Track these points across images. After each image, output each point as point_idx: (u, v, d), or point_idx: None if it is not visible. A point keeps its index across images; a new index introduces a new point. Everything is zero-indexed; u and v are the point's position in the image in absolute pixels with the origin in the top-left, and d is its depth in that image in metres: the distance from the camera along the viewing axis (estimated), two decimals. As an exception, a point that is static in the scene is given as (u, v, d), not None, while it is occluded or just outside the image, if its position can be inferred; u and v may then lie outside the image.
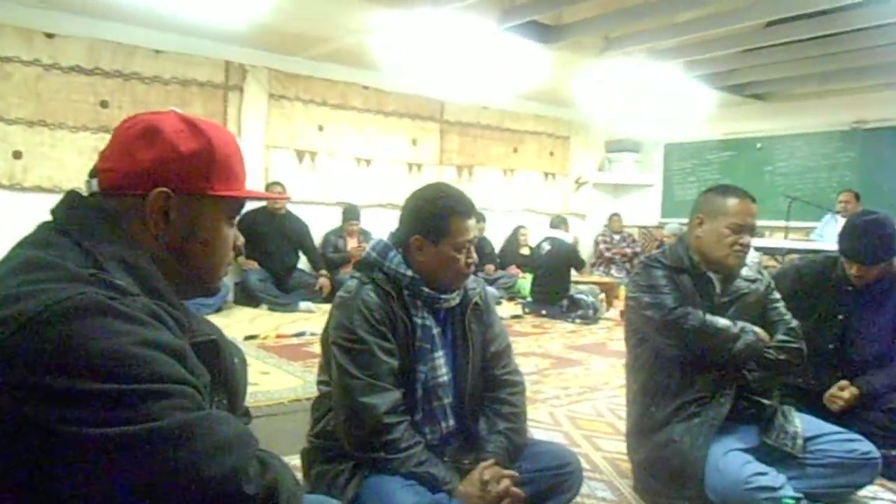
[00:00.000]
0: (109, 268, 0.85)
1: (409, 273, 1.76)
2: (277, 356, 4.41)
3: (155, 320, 0.82)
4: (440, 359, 1.81)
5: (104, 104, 5.91)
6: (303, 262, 6.81)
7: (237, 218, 1.07)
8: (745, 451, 1.99)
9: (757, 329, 2.09)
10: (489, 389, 1.89)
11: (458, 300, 1.84)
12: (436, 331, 1.80)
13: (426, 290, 1.76)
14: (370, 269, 1.79)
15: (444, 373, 1.81)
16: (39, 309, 0.74)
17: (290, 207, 6.69)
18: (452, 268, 1.75)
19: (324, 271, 6.70)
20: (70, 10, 5.47)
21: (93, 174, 0.96)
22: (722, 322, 2.05)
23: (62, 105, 5.72)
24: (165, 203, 0.94)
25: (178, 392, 0.78)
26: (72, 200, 0.95)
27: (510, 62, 6.22)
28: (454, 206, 1.76)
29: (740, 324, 2.06)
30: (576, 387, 3.95)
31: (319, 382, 1.89)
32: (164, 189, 0.93)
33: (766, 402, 2.11)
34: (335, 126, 7.26)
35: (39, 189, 5.66)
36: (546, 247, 6.62)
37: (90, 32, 5.76)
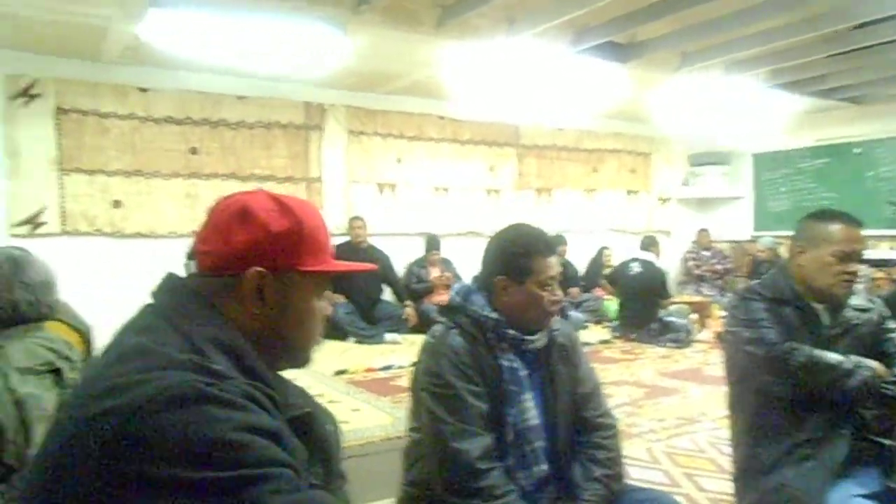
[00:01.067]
0: (207, 351, 0.88)
1: (494, 315, 1.74)
2: (367, 391, 4.44)
3: (252, 403, 0.85)
4: (529, 401, 1.77)
5: (194, 151, 6.20)
6: (387, 294, 6.88)
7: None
8: (867, 496, 1.82)
9: (872, 363, 1.92)
10: (582, 433, 1.83)
11: (543, 341, 1.80)
12: (523, 373, 1.77)
13: (511, 331, 1.73)
14: (455, 313, 1.78)
15: (533, 416, 1.77)
16: (144, 400, 0.78)
17: (373, 240, 6.79)
18: (539, 306, 1.73)
19: (408, 302, 6.75)
20: (160, 66, 5.78)
21: (190, 256, 1.01)
22: (832, 357, 1.90)
23: (156, 154, 6.04)
24: (260, 281, 0.96)
25: (276, 475, 0.80)
26: (170, 283, 1.00)
27: (585, 82, 6.14)
28: (536, 244, 1.75)
29: (853, 358, 1.90)
30: (672, 418, 3.79)
31: (411, 430, 1.88)
32: (259, 268, 0.96)
33: (887, 442, 1.93)
34: (413, 157, 7.35)
35: (138, 235, 5.98)
36: (636, 268, 6.44)
37: (179, 84, 6.08)
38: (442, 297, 6.93)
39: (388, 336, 6.33)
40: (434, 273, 7.02)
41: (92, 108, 5.78)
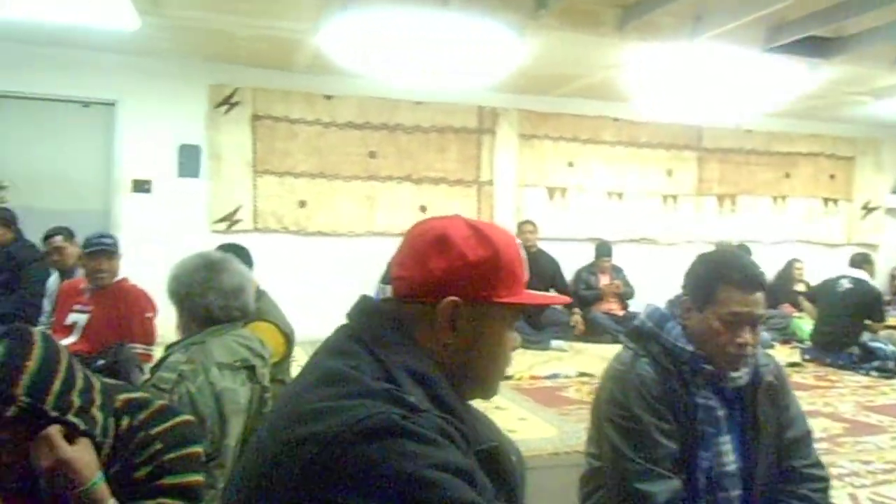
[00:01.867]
0: (401, 380, 0.88)
1: (689, 348, 1.58)
2: (532, 399, 4.36)
3: (444, 438, 0.83)
4: (726, 444, 1.60)
5: (372, 155, 6.46)
6: (554, 300, 6.74)
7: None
8: None
9: None
10: (786, 483, 1.62)
11: (746, 378, 1.61)
12: (721, 412, 1.60)
13: (708, 366, 1.57)
14: (646, 340, 1.65)
15: (730, 461, 1.60)
16: (342, 429, 0.78)
17: (542, 244, 6.69)
18: (714, 342, 1.55)
19: (576, 309, 6.57)
20: (344, 74, 6.07)
21: (385, 280, 0.99)
22: None
23: (338, 158, 6.36)
24: (454, 311, 0.94)
25: None
26: (366, 306, 0.99)
27: (778, 81, 5.62)
28: (728, 272, 1.56)
29: None
30: (880, 462, 3.33)
31: (589, 454, 1.79)
32: (454, 298, 0.93)
33: None
34: (585, 161, 7.15)
35: (320, 234, 6.34)
36: (846, 285, 5.74)
37: (360, 91, 6.35)
38: (610, 306, 6.69)
39: (555, 343, 6.20)
40: (604, 280, 6.78)
41: (283, 115, 6.20)
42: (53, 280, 4.13)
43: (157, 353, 3.23)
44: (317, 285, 6.22)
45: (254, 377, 2.12)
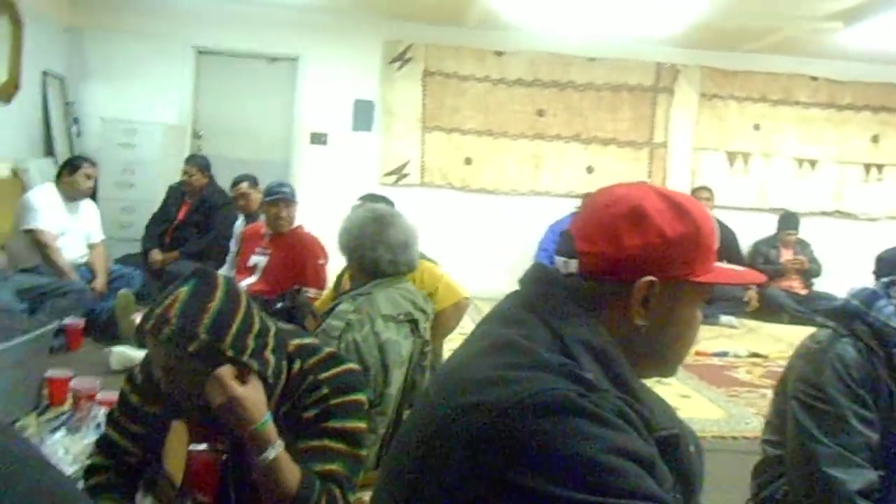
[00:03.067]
0: (577, 355, 0.82)
1: None
2: (697, 377, 4.11)
3: (623, 421, 0.77)
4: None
5: (540, 113, 6.30)
6: (726, 273, 6.30)
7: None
8: None
9: None
10: None
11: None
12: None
13: None
14: (849, 319, 1.50)
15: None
16: (514, 401, 0.74)
17: (717, 213, 6.24)
18: None
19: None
20: (516, 29, 5.94)
21: (564, 251, 0.91)
22: None
23: (505, 116, 6.28)
24: (648, 291, 0.86)
25: None
26: (541, 275, 0.93)
27: None
28: None
29: None
30: None
31: (766, 441, 1.67)
32: (652, 278, 0.86)
33: None
34: (773, 124, 6.52)
35: (483, 191, 6.34)
36: None
37: (532, 47, 6.19)
38: (791, 283, 6.13)
39: (724, 318, 5.80)
40: (786, 255, 6.21)
41: (453, 71, 6.21)
42: (239, 224, 4.47)
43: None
44: (477, 242, 6.26)
45: (416, 331, 2.14)
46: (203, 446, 1.44)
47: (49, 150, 5.58)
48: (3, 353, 2.54)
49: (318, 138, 6.18)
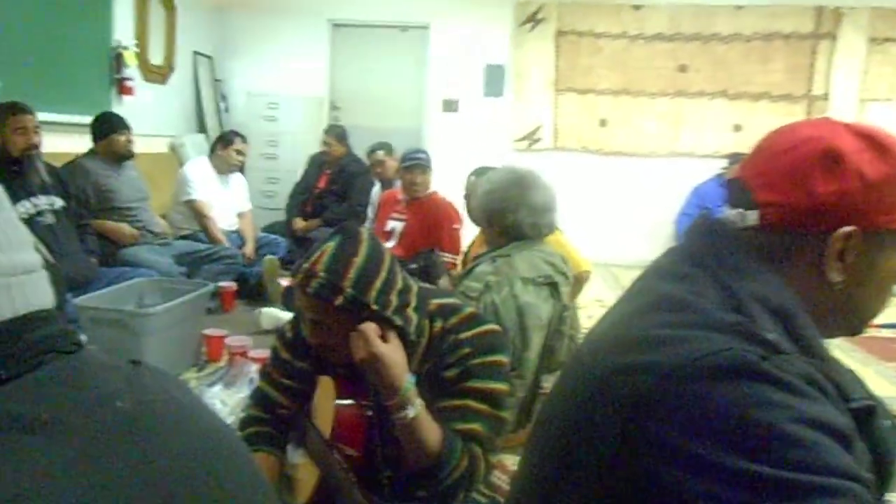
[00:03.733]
0: (755, 314, 0.72)
1: None
2: (863, 349, 3.75)
3: (813, 388, 0.67)
4: None
5: (682, 68, 5.93)
6: None
7: None
8: None
9: None
10: None
11: None
12: None
13: None
14: None
15: None
16: (683, 362, 0.67)
17: None
18: None
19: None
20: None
21: (746, 205, 0.80)
22: None
23: (643, 73, 5.97)
24: (846, 242, 0.76)
25: (845, 491, 0.61)
26: (709, 227, 0.83)
27: None
28: None
29: None
30: None
31: None
32: (852, 228, 0.75)
33: None
34: (957, 68, 5.75)
35: (619, 154, 6.09)
36: None
37: (673, -2, 5.82)
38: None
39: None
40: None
41: (588, 29, 5.96)
42: (376, 190, 4.56)
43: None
44: (613, 208, 6.05)
45: (556, 294, 2.07)
46: (349, 402, 1.47)
47: (201, 126, 5.96)
48: (167, 313, 2.74)
49: (449, 105, 6.18)
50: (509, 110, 6.12)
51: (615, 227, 6.03)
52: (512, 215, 2.03)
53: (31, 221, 2.94)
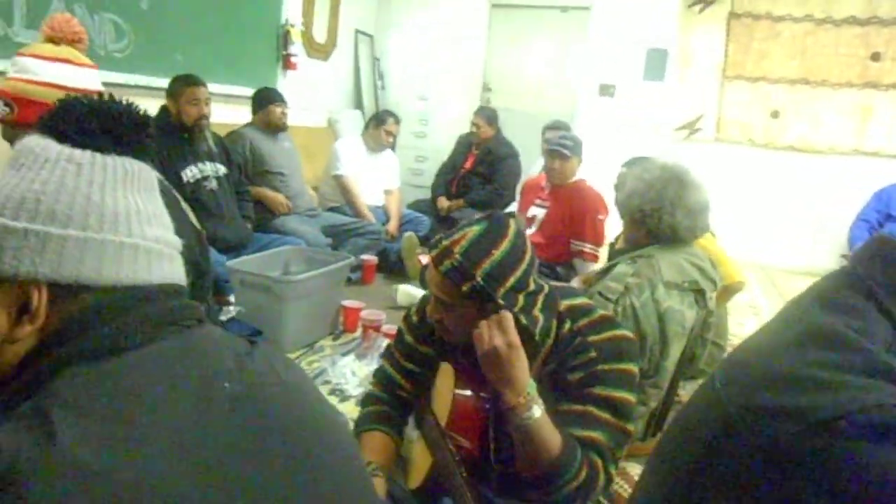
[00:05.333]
0: None
1: None
2: None
3: None
4: None
5: (875, 57, 5.29)
6: None
7: None
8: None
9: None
10: None
11: None
12: None
13: None
14: None
15: None
16: (837, 412, 0.57)
17: None
18: None
19: None
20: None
21: None
22: None
23: (827, 61, 5.39)
24: None
25: None
26: (885, 250, 0.68)
27: None
28: None
29: None
30: None
31: None
32: None
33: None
34: None
35: (792, 149, 5.57)
36: None
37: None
38: None
39: None
40: None
41: (766, 12, 5.48)
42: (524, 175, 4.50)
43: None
44: (781, 208, 5.57)
45: (702, 301, 1.91)
46: (468, 392, 1.43)
47: (358, 103, 6.16)
48: (308, 281, 2.85)
49: (605, 90, 5.94)
50: (669, 97, 5.79)
51: (777, 229, 5.56)
52: (669, 217, 1.87)
53: (197, 186, 3.16)
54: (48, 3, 3.10)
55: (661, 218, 1.87)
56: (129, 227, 0.65)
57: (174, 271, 0.71)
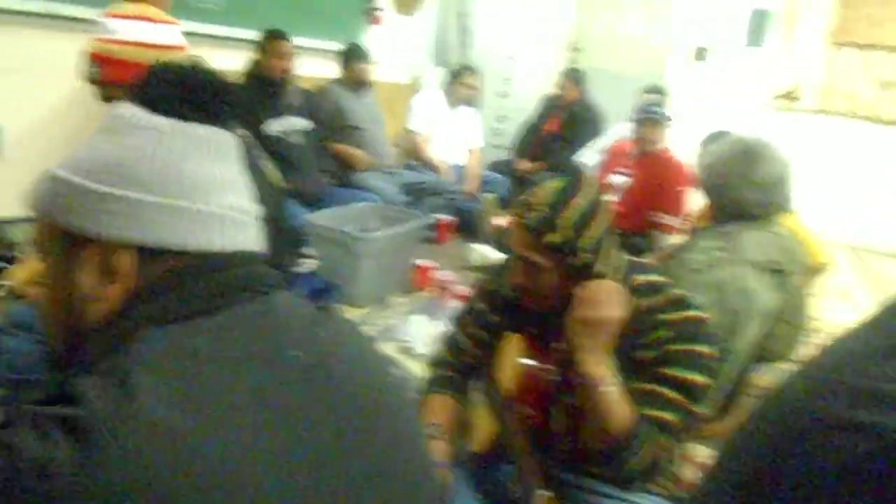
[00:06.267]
0: None
1: None
2: None
3: None
4: None
5: None
6: None
7: None
8: None
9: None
10: None
11: None
12: None
13: None
14: None
15: None
16: None
17: None
18: None
19: None
20: None
21: None
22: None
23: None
24: None
25: None
26: None
27: None
28: None
29: None
30: None
31: None
32: None
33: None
34: None
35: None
36: None
37: None
38: None
39: None
40: None
41: (885, -28, 5.07)
42: (604, 140, 4.38)
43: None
44: (880, 185, 5.22)
45: (784, 285, 1.82)
46: (535, 363, 1.43)
47: (442, 60, 6.10)
48: (385, 238, 2.89)
49: (701, 54, 5.66)
50: (769, 63, 5.47)
51: (876, 209, 5.22)
52: (735, 192, 1.79)
53: (280, 139, 3.23)
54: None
55: (727, 192, 1.80)
56: (206, 195, 0.67)
57: (250, 238, 0.72)
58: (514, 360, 1.46)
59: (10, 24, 2.80)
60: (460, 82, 4.43)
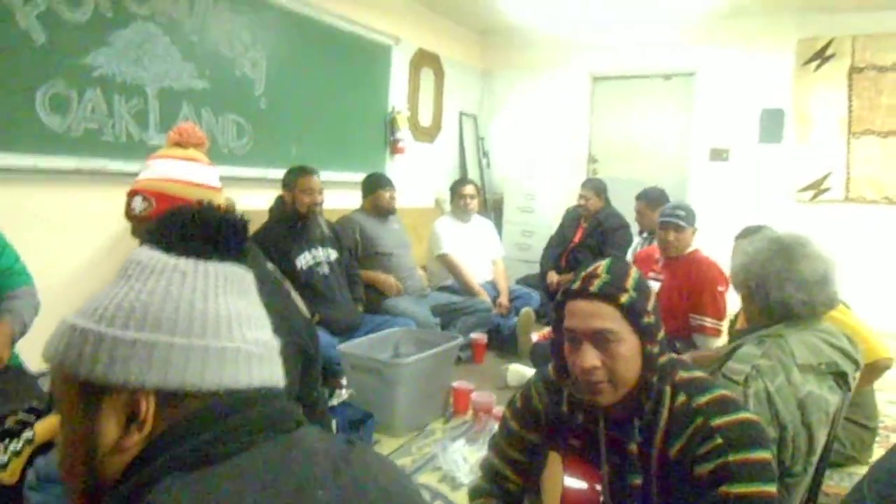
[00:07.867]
0: None
1: None
2: None
3: None
4: None
5: None
6: None
7: None
8: None
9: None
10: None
11: None
12: None
13: None
14: None
15: None
16: None
17: None
18: None
19: None
20: None
21: None
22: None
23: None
24: None
25: None
26: None
27: None
28: None
29: None
30: None
31: None
32: None
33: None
34: None
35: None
36: None
37: None
38: None
39: None
40: None
41: (892, 63, 5.16)
42: (637, 243, 4.36)
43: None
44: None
45: (844, 385, 1.71)
46: (581, 484, 1.33)
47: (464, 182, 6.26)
48: (419, 363, 2.83)
49: (718, 154, 5.73)
50: (789, 158, 5.50)
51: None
52: (777, 292, 1.71)
53: (310, 272, 3.27)
54: (178, 109, 3.39)
55: (768, 293, 1.72)
56: (230, 331, 0.66)
57: (273, 373, 0.72)
58: (557, 480, 1.36)
59: (45, 182, 2.96)
60: (459, 195, 4.51)
